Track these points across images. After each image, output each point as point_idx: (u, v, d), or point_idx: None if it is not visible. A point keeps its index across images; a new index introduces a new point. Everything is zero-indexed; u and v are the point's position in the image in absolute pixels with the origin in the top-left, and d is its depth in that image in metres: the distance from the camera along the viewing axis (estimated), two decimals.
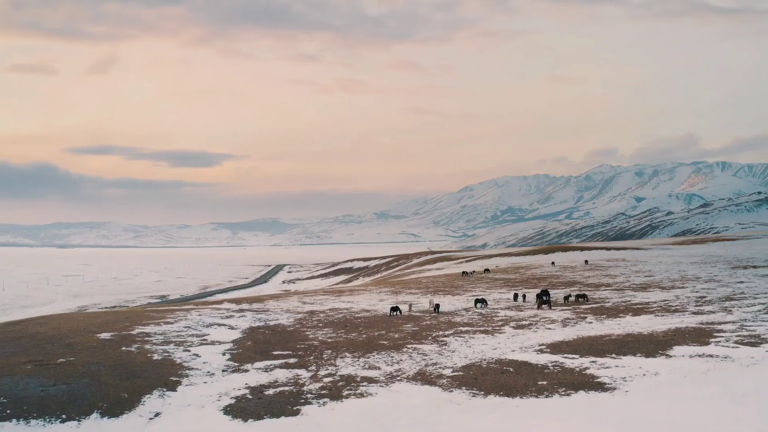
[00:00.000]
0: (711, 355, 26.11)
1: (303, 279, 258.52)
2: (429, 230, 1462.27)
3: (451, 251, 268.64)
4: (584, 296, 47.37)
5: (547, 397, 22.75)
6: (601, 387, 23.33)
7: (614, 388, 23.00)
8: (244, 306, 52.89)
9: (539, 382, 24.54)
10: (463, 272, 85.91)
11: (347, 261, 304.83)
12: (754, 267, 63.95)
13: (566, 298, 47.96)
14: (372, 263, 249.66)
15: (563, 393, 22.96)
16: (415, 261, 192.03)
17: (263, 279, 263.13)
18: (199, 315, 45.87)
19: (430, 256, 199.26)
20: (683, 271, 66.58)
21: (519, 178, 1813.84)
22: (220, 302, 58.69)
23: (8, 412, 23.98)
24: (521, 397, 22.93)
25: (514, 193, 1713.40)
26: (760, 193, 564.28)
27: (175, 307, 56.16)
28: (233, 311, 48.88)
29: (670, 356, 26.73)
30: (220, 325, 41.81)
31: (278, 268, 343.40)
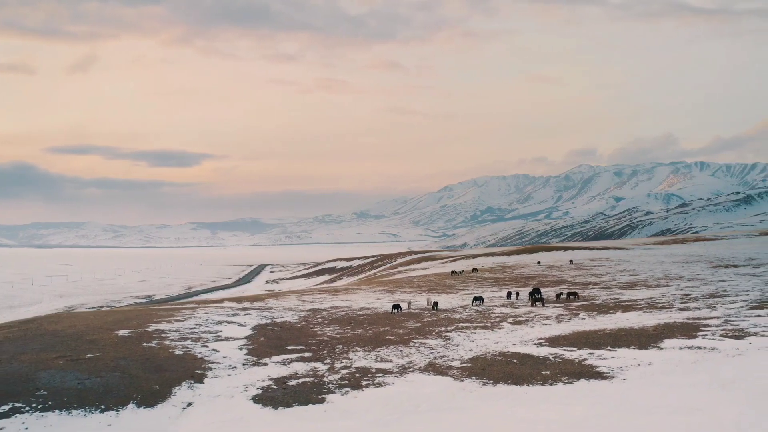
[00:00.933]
0: (699, 347, 28.39)
1: (286, 279, 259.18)
2: (409, 230, 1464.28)
3: (434, 251, 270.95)
4: (575, 294, 49.69)
5: (551, 384, 24.87)
6: (600, 376, 25.49)
7: (612, 377, 25.17)
8: (246, 305, 54.62)
9: (543, 372, 26.67)
10: (453, 271, 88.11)
11: (330, 261, 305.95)
12: (735, 266, 66.67)
13: (558, 295, 50.26)
14: (355, 263, 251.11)
15: (566, 381, 25.09)
16: (399, 261, 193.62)
17: (246, 279, 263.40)
18: (206, 313, 47.60)
19: (413, 256, 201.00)
20: (666, 270, 69.19)
21: (498, 178, 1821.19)
22: (222, 301, 60.39)
23: (50, 403, 25.73)
24: (528, 385, 25.04)
25: (493, 193, 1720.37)
26: (738, 193, 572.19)
27: (179, 306, 57.83)
28: (237, 309, 50.64)
29: (662, 348, 28.99)
30: (229, 322, 43.57)
31: (260, 268, 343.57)
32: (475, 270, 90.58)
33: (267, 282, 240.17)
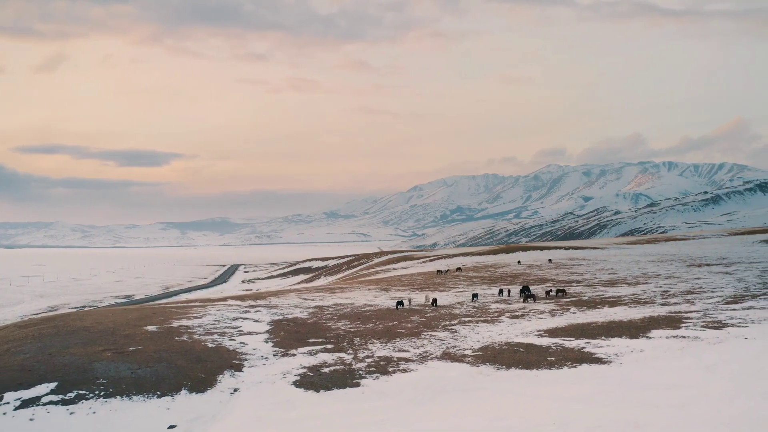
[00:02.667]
0: (683, 337, 32.18)
1: (262, 279, 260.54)
2: (379, 230, 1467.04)
3: (410, 251, 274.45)
4: (563, 291, 53.51)
5: (558, 368, 28.42)
6: (599, 361, 29.11)
7: (610, 362, 28.79)
8: (251, 302, 57.46)
9: (548, 359, 30.23)
10: (438, 270, 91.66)
11: (305, 261, 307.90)
12: (708, 265, 71.06)
13: (547, 292, 54.03)
14: (331, 263, 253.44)
15: (570, 366, 28.66)
16: (377, 261, 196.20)
17: (222, 279, 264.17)
18: (218, 311, 50.46)
19: (391, 256, 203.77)
20: (643, 268, 73.42)
21: (468, 178, 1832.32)
22: (225, 299, 63.17)
23: (111, 390, 28.72)
24: (537, 369, 28.58)
25: (463, 193, 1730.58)
26: (706, 193, 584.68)
27: (185, 304, 60.40)
28: (245, 307, 53.51)
29: (650, 338, 32.74)
30: (244, 318, 46.53)
31: (234, 268, 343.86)
32: (459, 269, 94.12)
33: (243, 282, 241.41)
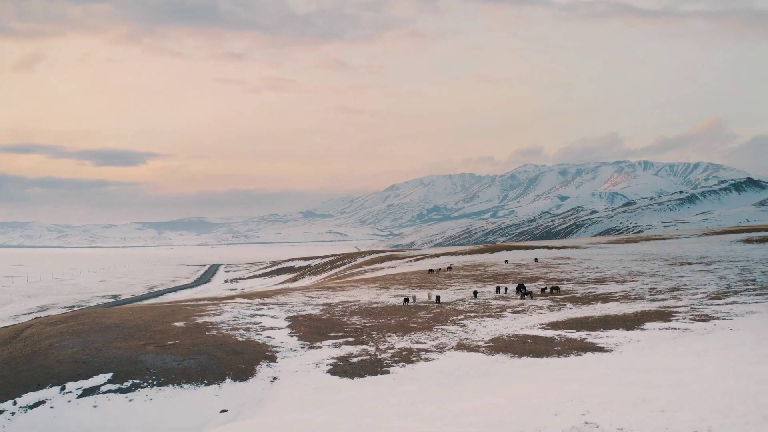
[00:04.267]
0: (674, 328, 35.76)
1: (245, 278, 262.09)
2: (356, 229, 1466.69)
3: (392, 250, 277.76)
4: (557, 288, 57.07)
5: (565, 356, 31.82)
6: (601, 350, 32.55)
7: (611, 350, 32.25)
8: (260, 301, 60.22)
9: (555, 348, 33.65)
10: (430, 270, 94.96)
11: (287, 260, 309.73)
12: (689, 264, 75.05)
13: (543, 290, 57.56)
14: (313, 262, 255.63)
15: (576, 354, 32.08)
16: (361, 260, 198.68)
17: (205, 279, 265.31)
18: (232, 308, 53.29)
19: (375, 256, 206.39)
20: (627, 267, 77.29)
21: (445, 177, 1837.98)
22: (233, 298, 65.95)
23: (162, 379, 31.67)
24: (547, 357, 31.95)
25: (439, 192, 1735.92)
26: (682, 192, 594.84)
27: (193, 303, 63.05)
28: (257, 305, 56.34)
29: (645, 329, 36.29)
30: (261, 315, 49.47)
31: (214, 267, 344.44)
32: (450, 268, 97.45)
33: (226, 281, 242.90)
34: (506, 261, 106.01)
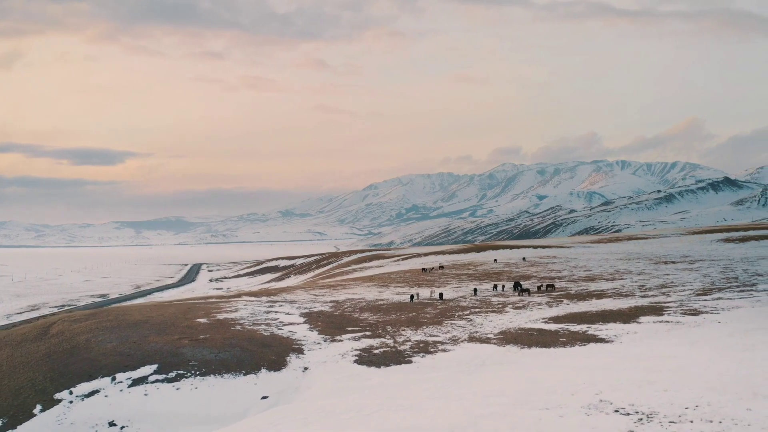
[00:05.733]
0: (668, 321, 39.16)
1: (230, 277, 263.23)
2: (334, 228, 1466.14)
3: (378, 250, 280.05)
4: (552, 286, 60.42)
5: (571, 347, 35.05)
6: (603, 340, 35.83)
7: (612, 341, 35.53)
8: (267, 299, 62.94)
9: (560, 339, 36.88)
10: (423, 269, 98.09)
11: (271, 260, 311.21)
12: (673, 263, 78.82)
13: (539, 287, 60.88)
14: (298, 261, 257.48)
15: (580, 344, 35.32)
16: (347, 260, 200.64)
17: (189, 278, 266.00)
18: (245, 305, 56.01)
19: (361, 255, 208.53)
20: (614, 266, 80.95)
21: (423, 177, 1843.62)
22: (239, 296, 68.59)
23: (203, 370, 34.48)
24: (554, 348, 35.16)
25: (418, 192, 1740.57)
26: (659, 191, 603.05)
27: (202, 301, 65.60)
28: (267, 303, 59.11)
29: (640, 322, 39.67)
30: (275, 312, 52.31)
31: (196, 267, 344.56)
32: (441, 267, 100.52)
33: (211, 281, 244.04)
34: (495, 260, 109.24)
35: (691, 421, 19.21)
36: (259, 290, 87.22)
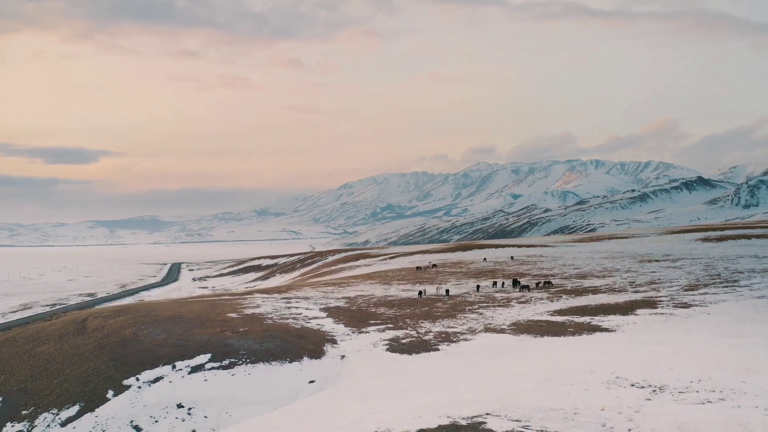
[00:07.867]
0: (662, 313, 43.71)
1: (212, 276, 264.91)
2: (309, 228, 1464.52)
3: (362, 249, 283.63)
4: (549, 282, 64.91)
5: (578, 336, 39.42)
6: (606, 330, 40.24)
7: (614, 330, 39.94)
8: (278, 296, 66.63)
9: (568, 329, 41.25)
10: (417, 267, 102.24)
11: (252, 259, 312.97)
12: (657, 261, 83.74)
13: (537, 284, 65.31)
14: (281, 261, 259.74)
15: (587, 333, 39.71)
16: (332, 259, 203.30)
17: (171, 277, 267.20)
18: (264, 301, 59.79)
19: (346, 254, 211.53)
20: (601, 264, 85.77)
21: (398, 176, 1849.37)
22: (251, 293, 72.30)
23: (252, 358, 38.33)
24: (564, 336, 39.52)
25: (393, 191, 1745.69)
26: (634, 191, 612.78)
27: (215, 298, 69.10)
28: (283, 299, 62.85)
29: (638, 314, 44.19)
30: (295, 307, 56.11)
31: (177, 266, 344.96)
32: (434, 266, 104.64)
33: (194, 279, 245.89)
34: (485, 259, 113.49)
35: (697, 392, 23.42)
36: (268, 288, 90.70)
